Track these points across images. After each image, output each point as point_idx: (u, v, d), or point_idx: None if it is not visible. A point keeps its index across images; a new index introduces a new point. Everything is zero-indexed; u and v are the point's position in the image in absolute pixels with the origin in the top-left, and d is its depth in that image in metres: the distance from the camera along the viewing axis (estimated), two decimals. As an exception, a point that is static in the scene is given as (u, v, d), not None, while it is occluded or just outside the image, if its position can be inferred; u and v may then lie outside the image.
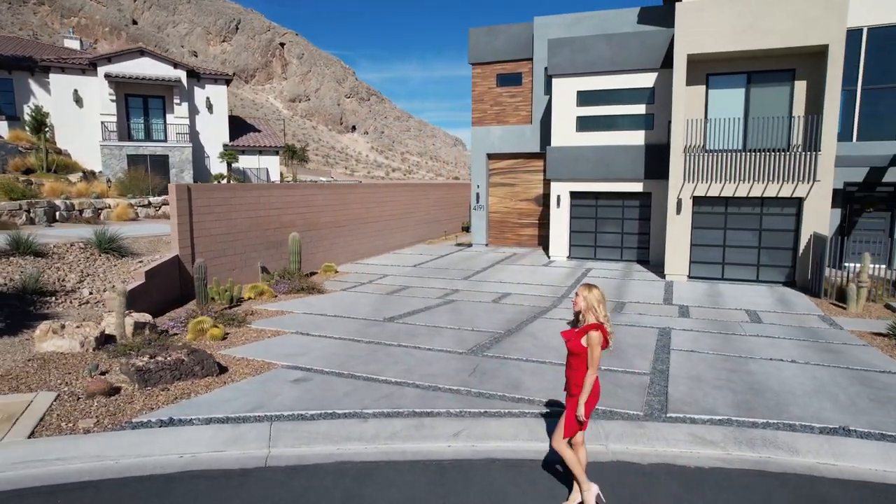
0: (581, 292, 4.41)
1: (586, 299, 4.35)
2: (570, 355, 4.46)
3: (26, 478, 4.54)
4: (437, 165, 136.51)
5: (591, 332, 4.27)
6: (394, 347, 8.82)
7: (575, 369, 4.43)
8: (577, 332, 4.39)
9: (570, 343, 4.43)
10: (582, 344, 4.31)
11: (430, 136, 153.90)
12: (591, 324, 4.31)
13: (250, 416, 5.75)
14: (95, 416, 5.65)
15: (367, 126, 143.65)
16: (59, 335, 7.56)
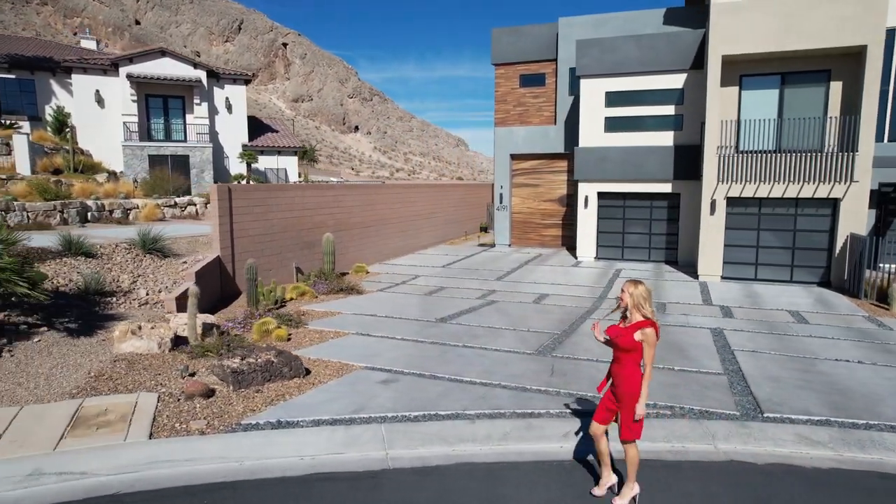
0: (627, 288, 4.38)
1: (633, 295, 4.31)
2: (621, 351, 4.39)
3: (161, 478, 4.57)
4: (440, 166, 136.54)
5: (646, 328, 4.24)
6: (461, 349, 8.86)
7: (624, 365, 4.38)
8: (628, 329, 4.33)
9: (621, 339, 4.36)
10: (635, 339, 4.27)
11: (432, 136, 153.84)
12: (644, 320, 4.28)
13: (356, 417, 5.79)
14: (205, 418, 5.68)
15: (370, 126, 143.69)
16: (138, 336, 7.58)
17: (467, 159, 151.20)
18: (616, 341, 4.40)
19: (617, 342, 4.39)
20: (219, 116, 28.74)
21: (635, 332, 4.27)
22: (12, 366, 6.79)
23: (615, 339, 4.41)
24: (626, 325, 4.40)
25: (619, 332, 4.41)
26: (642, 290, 4.33)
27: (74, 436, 5.18)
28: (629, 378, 4.34)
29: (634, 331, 4.28)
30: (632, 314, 4.34)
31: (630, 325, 4.33)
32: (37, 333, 7.68)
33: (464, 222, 28.41)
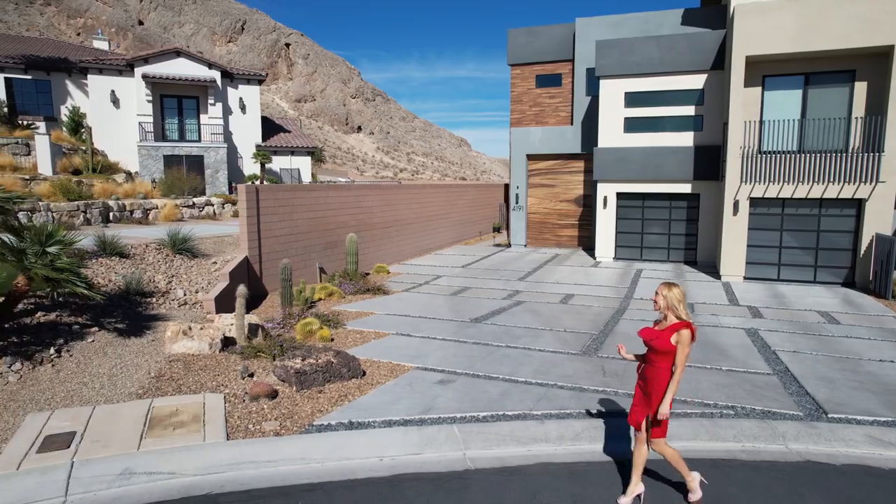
0: (661, 291, 4.37)
1: (667, 298, 4.30)
2: (655, 354, 4.35)
3: (247, 479, 4.60)
4: (444, 166, 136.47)
5: (682, 330, 4.21)
6: (506, 349, 8.89)
7: (659, 368, 4.35)
8: (665, 331, 4.30)
9: (657, 342, 4.32)
10: (672, 342, 4.24)
11: (435, 136, 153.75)
12: (680, 322, 4.25)
13: (426, 418, 5.81)
14: (276, 419, 5.70)
15: (373, 126, 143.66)
16: (189, 337, 7.60)
17: (470, 159, 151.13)
18: (652, 344, 4.36)
19: (653, 345, 4.34)
20: (232, 116, 28.77)
21: (672, 334, 4.25)
22: (73, 365, 6.82)
23: (651, 342, 4.37)
24: (660, 327, 4.38)
25: (655, 335, 4.37)
26: (677, 293, 4.31)
27: (153, 436, 5.20)
28: (660, 382, 4.33)
29: (671, 333, 4.25)
30: (667, 316, 4.33)
31: (666, 328, 4.30)
32: (89, 334, 7.70)
33: (477, 223, 28.44)
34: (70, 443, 5.02)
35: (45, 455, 4.80)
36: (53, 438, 5.09)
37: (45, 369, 6.60)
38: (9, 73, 25.56)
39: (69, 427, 5.32)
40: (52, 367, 6.66)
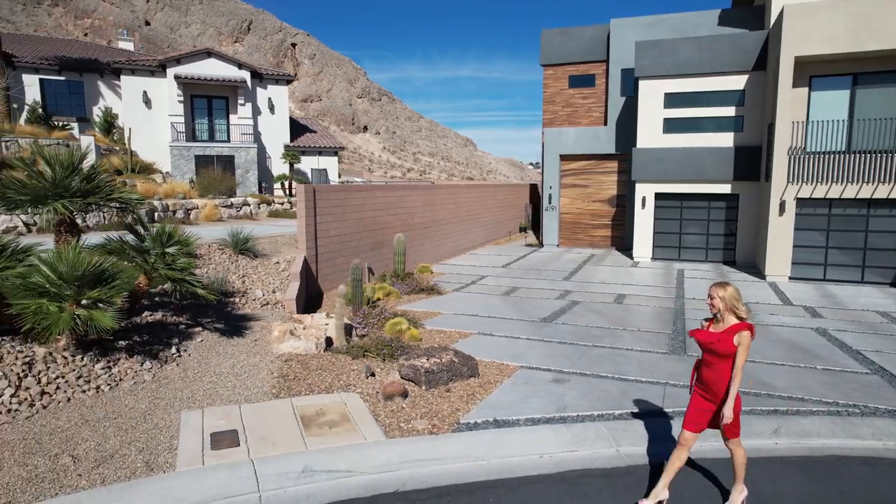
0: (717, 292, 4.22)
1: (724, 299, 4.17)
2: (716, 356, 4.22)
3: (422, 476, 4.69)
4: (450, 166, 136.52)
5: (743, 331, 4.11)
6: (595, 348, 8.98)
7: (720, 370, 4.22)
8: (726, 333, 4.17)
9: (718, 344, 4.18)
10: (734, 344, 4.12)
11: (440, 136, 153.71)
12: (740, 323, 4.15)
13: (566, 416, 5.91)
14: (422, 418, 5.79)
15: (379, 126, 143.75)
16: (296, 337, 7.69)
17: (476, 159, 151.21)
18: (713, 347, 4.21)
19: (715, 348, 4.20)
20: (261, 117, 28.85)
21: (734, 336, 4.13)
22: (195, 364, 6.90)
23: (711, 346, 4.23)
24: (716, 328, 4.26)
25: (716, 338, 4.22)
26: (733, 292, 4.20)
27: (313, 435, 5.28)
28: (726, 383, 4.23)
29: (733, 335, 4.14)
30: (724, 317, 4.20)
31: (726, 330, 4.17)
32: (196, 333, 7.79)
33: (505, 223, 28.52)
34: (238, 441, 5.10)
35: (221, 452, 4.89)
36: (220, 436, 5.18)
37: (171, 368, 6.68)
38: (43, 74, 25.65)
39: (226, 425, 5.40)
40: (178, 366, 6.75)
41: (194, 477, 4.50)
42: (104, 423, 5.35)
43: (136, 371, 6.41)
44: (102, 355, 6.46)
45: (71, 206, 6.30)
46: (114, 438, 5.09)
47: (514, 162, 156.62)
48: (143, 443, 5.06)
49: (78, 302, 5.97)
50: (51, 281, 5.74)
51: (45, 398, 5.66)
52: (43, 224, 15.29)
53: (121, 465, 4.69)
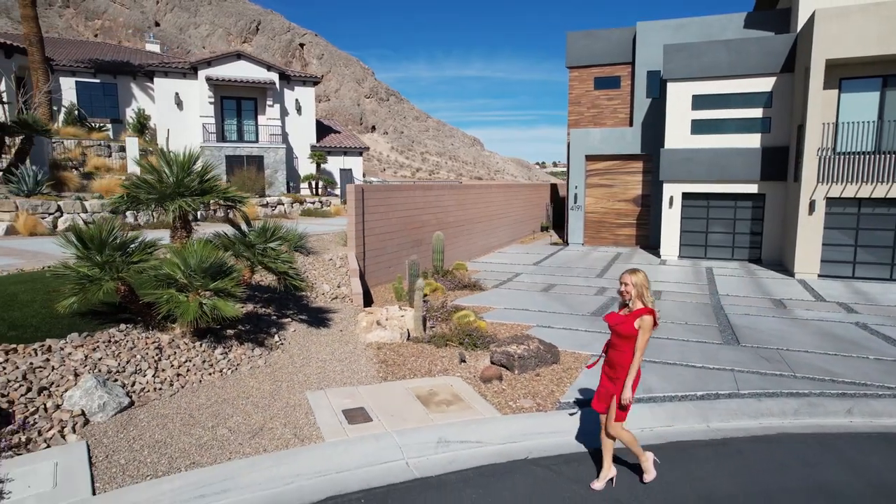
0: (628, 279, 4.41)
1: (636, 285, 4.36)
2: (620, 338, 4.45)
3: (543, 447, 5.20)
4: (457, 165, 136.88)
5: (645, 315, 4.32)
6: (653, 339, 9.44)
7: (623, 352, 4.44)
8: (629, 316, 4.40)
9: (621, 326, 4.41)
10: (634, 326, 4.33)
11: (448, 136, 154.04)
12: (644, 308, 4.36)
13: (655, 396, 6.42)
14: (525, 397, 6.30)
15: (387, 126, 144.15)
16: (382, 327, 8.20)
17: (483, 159, 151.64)
18: (617, 329, 4.46)
19: (618, 330, 4.44)
20: (289, 118, 29.39)
21: (635, 319, 4.34)
22: (297, 350, 7.42)
23: (615, 327, 4.47)
24: (626, 313, 4.48)
25: (620, 320, 4.48)
26: (642, 279, 4.40)
27: (434, 412, 5.80)
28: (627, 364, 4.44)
29: (635, 318, 4.35)
30: (633, 302, 4.41)
31: (631, 314, 4.41)
32: (287, 324, 8.30)
33: (528, 222, 29.00)
34: (370, 417, 5.61)
35: (358, 426, 5.40)
36: (352, 413, 5.69)
37: (278, 354, 7.20)
38: (79, 77, 26.25)
39: (352, 404, 5.92)
40: (284, 353, 7.26)
41: (345, 447, 5.00)
42: (240, 401, 5.87)
43: (249, 356, 6.93)
44: (217, 342, 6.98)
45: (192, 204, 6.83)
46: (256, 414, 5.60)
47: (521, 162, 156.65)
48: (283, 418, 5.57)
49: (200, 292, 6.49)
50: (183, 273, 6.26)
51: (180, 379, 6.18)
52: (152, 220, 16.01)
53: (273, 436, 5.21)
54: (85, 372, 5.83)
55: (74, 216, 14.92)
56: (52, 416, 5.24)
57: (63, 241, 6.39)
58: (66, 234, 6.43)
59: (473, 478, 4.69)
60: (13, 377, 5.51)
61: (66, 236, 6.34)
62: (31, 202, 14.22)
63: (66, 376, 5.71)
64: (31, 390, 5.42)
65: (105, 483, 4.36)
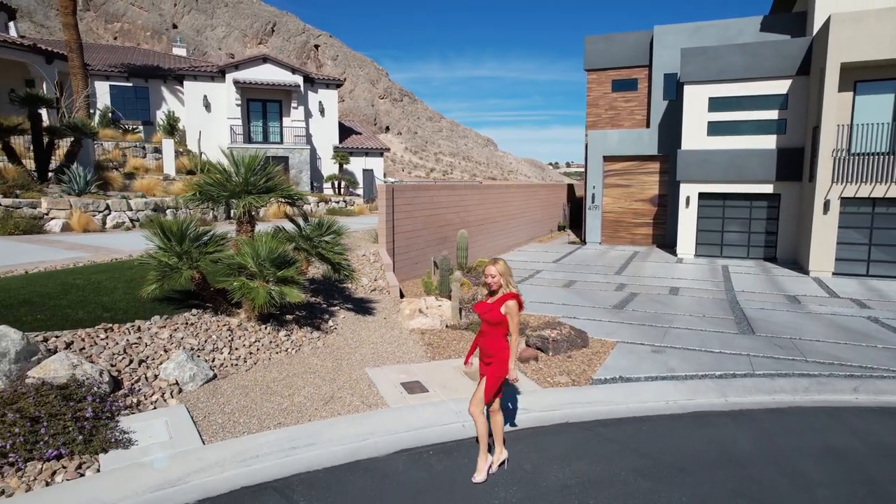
0: (493, 269, 4.62)
1: (501, 274, 4.61)
2: (489, 325, 4.61)
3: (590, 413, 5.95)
4: (471, 166, 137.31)
5: (508, 301, 4.51)
6: (674, 329, 10.13)
7: (491, 337, 4.61)
8: (495, 304, 4.57)
9: (489, 314, 4.58)
10: (501, 312, 4.52)
11: (461, 136, 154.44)
12: (508, 293, 4.57)
13: (676, 375, 7.11)
14: (561, 375, 7.00)
15: (401, 127, 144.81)
16: (424, 315, 8.93)
17: (497, 159, 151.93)
18: (486, 317, 4.61)
19: (487, 317, 4.60)
20: (312, 119, 30.26)
21: (501, 305, 4.53)
22: (350, 334, 8.17)
23: (484, 316, 4.62)
24: (491, 300, 4.66)
25: (487, 308, 4.64)
26: (503, 267, 4.65)
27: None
28: (499, 349, 4.61)
29: (500, 304, 4.54)
30: (499, 290, 4.61)
31: (496, 300, 4.58)
32: (336, 311, 9.06)
33: (545, 221, 29.63)
34: (426, 388, 6.35)
35: (417, 395, 6.14)
36: (409, 385, 6.43)
37: (333, 337, 7.96)
38: (113, 80, 27.30)
39: (407, 378, 6.66)
40: (338, 336, 8.02)
41: (408, 412, 5.74)
42: (308, 375, 6.62)
43: (308, 339, 7.69)
44: (280, 326, 7.76)
45: (259, 201, 7.60)
46: (325, 386, 6.35)
47: (534, 162, 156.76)
48: (349, 389, 6.32)
49: (267, 280, 7.26)
50: (255, 262, 7.03)
51: (252, 357, 6.96)
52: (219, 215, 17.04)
53: (343, 403, 5.95)
54: (172, 348, 6.62)
55: (121, 214, 15.82)
56: (152, 384, 6.03)
57: (149, 234, 7.20)
58: (151, 226, 7.24)
59: (523, 437, 5.42)
60: (116, 351, 6.31)
61: (152, 228, 7.15)
62: (82, 201, 15.12)
63: (157, 351, 6.50)
64: (132, 362, 6.21)
65: (209, 437, 5.13)
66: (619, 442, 5.33)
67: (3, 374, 5.31)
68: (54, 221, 14.37)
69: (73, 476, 4.50)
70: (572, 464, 4.88)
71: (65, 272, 8.61)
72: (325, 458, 4.82)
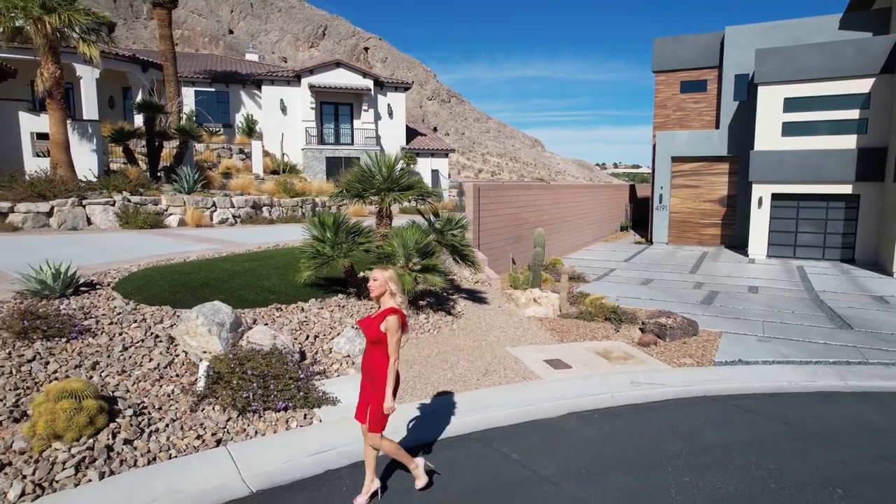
0: (378, 274, 3.97)
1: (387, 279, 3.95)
2: (370, 343, 4.00)
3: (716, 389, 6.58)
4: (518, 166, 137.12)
5: (388, 316, 3.87)
6: (770, 323, 10.56)
7: (374, 358, 3.99)
8: (375, 319, 3.95)
9: (368, 331, 3.98)
10: (381, 330, 3.89)
11: (508, 137, 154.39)
12: (388, 308, 3.92)
13: (792, 360, 7.66)
14: (685, 357, 7.64)
15: (448, 128, 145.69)
16: (539, 304, 9.68)
17: (544, 160, 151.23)
18: (365, 334, 4.04)
19: (366, 334, 4.03)
20: (381, 121, 31.43)
21: (381, 321, 3.91)
22: (477, 320, 8.98)
23: (364, 332, 4.06)
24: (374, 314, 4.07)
25: (367, 324, 4.05)
26: (391, 274, 4.00)
27: (616, 363, 7.23)
28: (381, 370, 3.99)
29: (380, 321, 3.92)
30: (381, 302, 4.00)
31: (377, 315, 3.98)
32: (454, 300, 9.88)
33: (609, 222, 29.93)
34: (568, 365, 7.09)
35: (562, 371, 6.91)
36: (552, 362, 7.20)
37: (464, 321, 8.78)
38: (198, 86, 29.11)
39: (546, 356, 7.42)
40: (468, 321, 8.84)
41: (561, 383, 6.49)
42: (457, 353, 7.45)
43: (444, 322, 8.54)
44: (418, 310, 8.62)
45: (402, 197, 8.50)
46: (477, 361, 7.16)
47: (582, 163, 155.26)
48: (498, 364, 7.11)
49: (411, 268, 8.12)
50: (404, 252, 7.91)
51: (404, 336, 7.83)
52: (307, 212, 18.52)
53: (499, 376, 6.75)
54: (336, 326, 7.55)
55: (225, 211, 17.14)
56: (329, 356, 6.96)
57: (308, 225, 8.19)
58: (311, 220, 8.23)
59: (669, 406, 6.12)
60: (292, 327, 7.28)
61: (312, 221, 8.14)
62: (193, 198, 16.49)
63: (325, 329, 7.44)
64: (308, 337, 7.17)
65: (396, 398, 5.98)
66: (759, 413, 5.94)
67: (223, 340, 6.32)
68: (172, 217, 15.75)
69: (303, 424, 5.43)
70: (723, 428, 5.53)
71: (217, 261, 9.72)
72: (504, 417, 5.61)
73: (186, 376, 5.99)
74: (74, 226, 13.82)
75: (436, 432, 5.27)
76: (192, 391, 5.68)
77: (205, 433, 5.15)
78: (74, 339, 6.28)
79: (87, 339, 6.34)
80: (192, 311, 6.46)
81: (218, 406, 5.51)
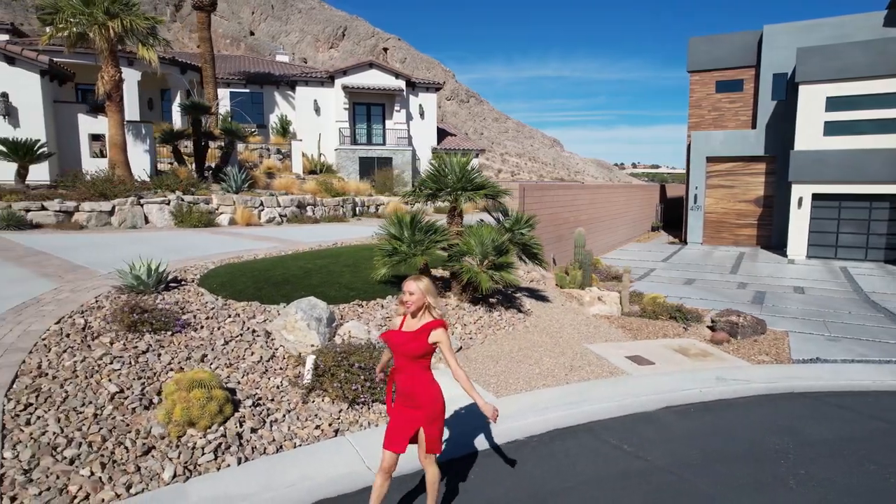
0: (413, 286, 3.64)
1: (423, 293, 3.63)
2: (409, 360, 3.64)
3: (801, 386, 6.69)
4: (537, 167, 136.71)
5: (435, 329, 3.60)
6: (831, 322, 10.61)
7: (414, 374, 3.67)
8: (418, 332, 3.62)
9: (409, 345, 3.62)
10: (429, 343, 3.60)
11: (527, 136, 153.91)
12: (434, 321, 3.63)
13: (867, 359, 7.70)
14: (762, 355, 7.74)
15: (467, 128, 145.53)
16: (602, 302, 9.80)
17: (563, 160, 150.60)
18: (403, 349, 3.65)
19: (404, 350, 3.64)
20: (413, 122, 31.66)
21: (428, 334, 3.60)
22: (546, 316, 9.13)
23: (401, 348, 3.66)
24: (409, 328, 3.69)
25: (406, 338, 3.65)
26: (427, 285, 3.67)
27: (696, 360, 7.35)
28: (427, 386, 3.69)
29: (427, 334, 3.60)
30: (419, 314, 3.67)
31: (420, 329, 3.63)
32: (518, 298, 10.03)
33: (641, 222, 29.89)
34: (650, 361, 7.22)
35: (646, 367, 7.05)
36: (634, 358, 7.34)
37: (533, 318, 8.93)
38: (233, 88, 29.57)
39: (626, 353, 7.57)
40: (536, 318, 8.99)
41: (649, 379, 6.63)
42: (537, 348, 7.61)
43: (517, 319, 8.70)
44: (489, 308, 8.79)
45: (475, 196, 8.68)
46: (560, 357, 7.31)
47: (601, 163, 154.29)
48: (582, 360, 7.26)
49: (486, 266, 8.29)
50: (481, 250, 8.09)
51: (480, 333, 8.01)
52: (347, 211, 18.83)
53: (586, 371, 6.89)
54: (417, 322, 7.73)
55: (272, 210, 17.46)
56: (416, 350, 7.14)
57: (385, 224, 8.41)
58: (389, 218, 8.44)
59: (762, 402, 6.23)
60: (378, 322, 7.48)
61: (390, 220, 8.35)
62: (241, 198, 16.82)
63: (407, 324, 7.63)
64: (394, 332, 7.36)
65: (495, 392, 6.16)
66: (851, 409, 6.02)
67: (321, 335, 6.54)
68: (223, 216, 16.09)
69: (411, 415, 5.61)
70: (822, 423, 5.63)
71: (288, 258, 9.98)
72: (601, 411, 5.76)
73: (289, 369, 6.22)
74: (134, 224, 14.21)
75: (543, 424, 5.43)
76: (299, 384, 5.90)
77: (322, 423, 5.37)
78: (178, 333, 6.55)
79: (189, 332, 6.60)
80: (291, 306, 6.70)
81: (328, 398, 5.73)
